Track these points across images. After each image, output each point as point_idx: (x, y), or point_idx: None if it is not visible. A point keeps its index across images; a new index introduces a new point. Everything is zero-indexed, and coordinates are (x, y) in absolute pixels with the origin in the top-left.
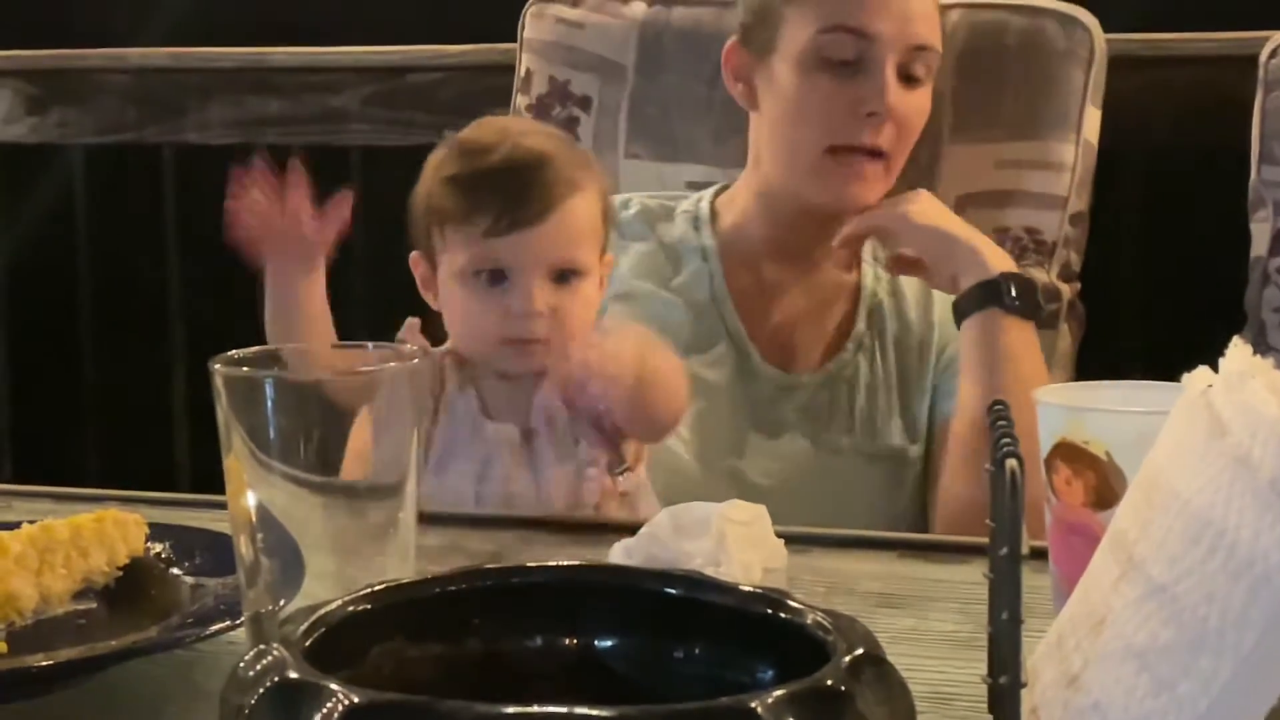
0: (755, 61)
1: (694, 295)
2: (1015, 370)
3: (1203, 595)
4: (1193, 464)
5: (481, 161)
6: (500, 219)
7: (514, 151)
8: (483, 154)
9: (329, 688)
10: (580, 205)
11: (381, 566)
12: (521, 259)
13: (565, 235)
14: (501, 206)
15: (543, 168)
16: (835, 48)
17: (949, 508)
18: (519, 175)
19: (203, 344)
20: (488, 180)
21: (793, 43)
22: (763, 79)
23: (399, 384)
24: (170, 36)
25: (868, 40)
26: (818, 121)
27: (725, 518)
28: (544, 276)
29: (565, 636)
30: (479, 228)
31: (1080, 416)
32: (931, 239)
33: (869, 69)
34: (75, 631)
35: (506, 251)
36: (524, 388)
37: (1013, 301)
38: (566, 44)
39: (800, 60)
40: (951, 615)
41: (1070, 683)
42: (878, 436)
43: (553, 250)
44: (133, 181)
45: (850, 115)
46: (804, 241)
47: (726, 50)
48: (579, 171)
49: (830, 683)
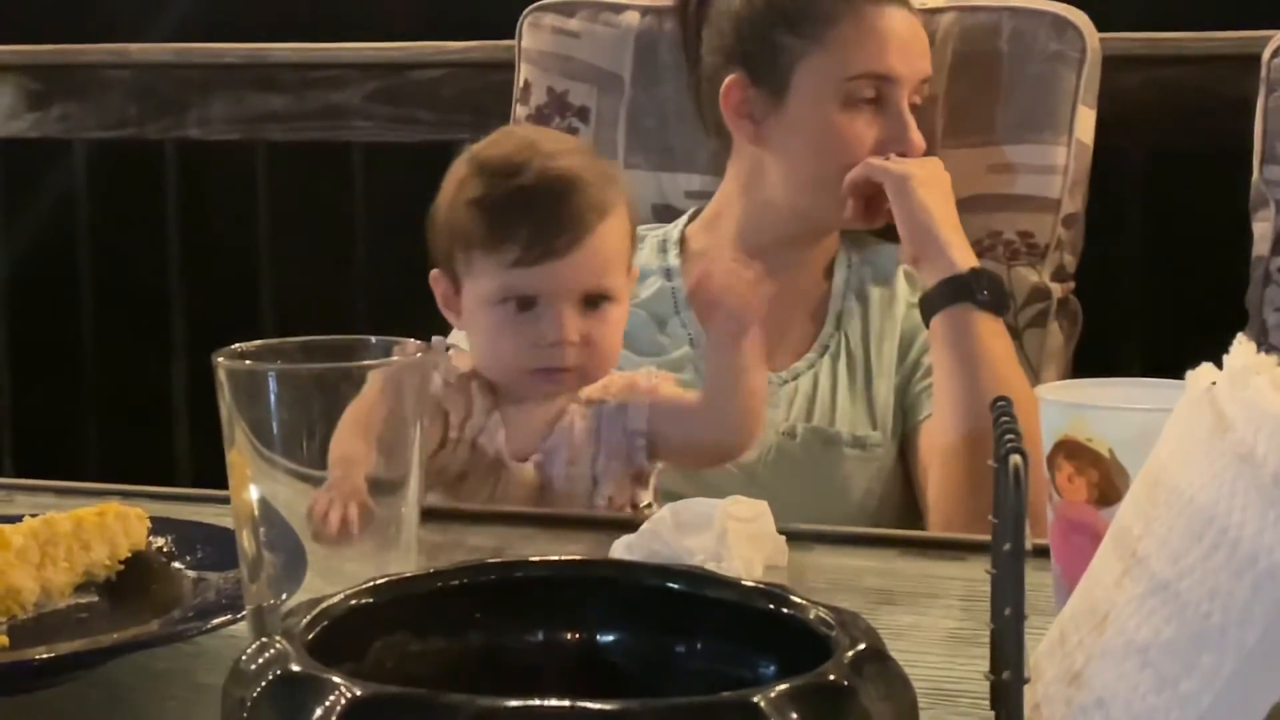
0: (767, 102)
1: (656, 309)
2: (988, 364)
3: (1206, 591)
4: (1196, 461)
5: (509, 185)
6: (531, 248)
7: (543, 175)
8: (509, 175)
9: (331, 681)
10: (611, 229)
11: (383, 561)
12: (553, 288)
13: (597, 262)
14: (531, 236)
15: (573, 193)
16: (860, 91)
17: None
18: (549, 202)
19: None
20: (516, 206)
21: (813, 87)
22: (775, 121)
23: (403, 378)
24: (173, 32)
25: (888, 82)
26: (848, 161)
27: (727, 514)
28: (575, 304)
29: (567, 632)
30: (509, 256)
31: (1083, 414)
32: (914, 212)
33: (888, 108)
34: (77, 625)
35: (538, 281)
36: (547, 417)
37: (983, 297)
38: (563, 54)
39: (824, 103)
40: (953, 612)
41: (1073, 679)
42: (837, 424)
43: (585, 278)
44: (135, 177)
45: (878, 153)
46: (786, 256)
47: (728, 85)
48: (608, 192)
49: (833, 677)
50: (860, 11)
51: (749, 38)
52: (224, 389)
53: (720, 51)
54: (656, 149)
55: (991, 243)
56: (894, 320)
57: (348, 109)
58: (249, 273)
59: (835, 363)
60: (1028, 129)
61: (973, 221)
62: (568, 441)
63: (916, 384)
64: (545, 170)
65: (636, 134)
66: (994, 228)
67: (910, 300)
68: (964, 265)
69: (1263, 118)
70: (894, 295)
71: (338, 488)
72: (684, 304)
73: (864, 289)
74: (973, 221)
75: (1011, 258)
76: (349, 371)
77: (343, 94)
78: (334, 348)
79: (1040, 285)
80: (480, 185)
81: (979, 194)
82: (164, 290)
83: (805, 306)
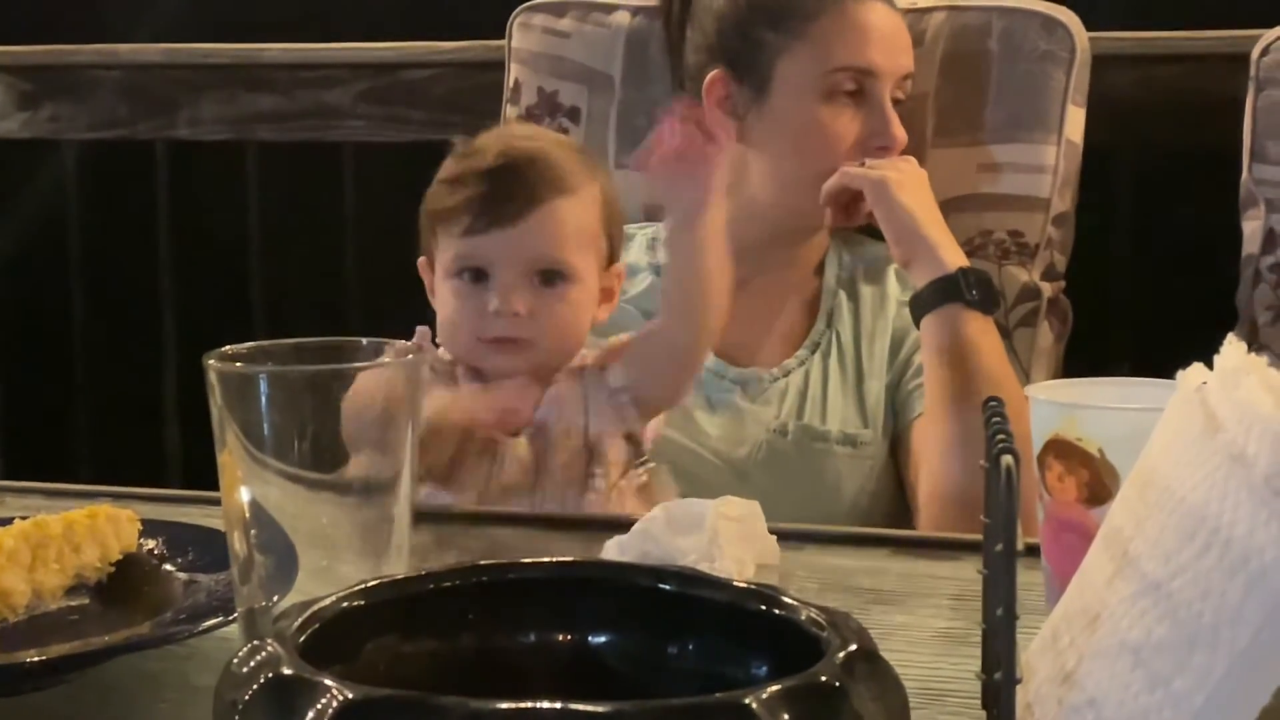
0: (749, 96)
1: (645, 304)
2: (979, 364)
3: (1198, 591)
4: (1188, 461)
5: (474, 162)
6: (480, 216)
7: (505, 152)
8: (477, 155)
9: (323, 683)
10: (566, 207)
11: (375, 563)
12: (501, 257)
13: (547, 235)
14: (482, 204)
15: (529, 167)
16: (841, 84)
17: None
18: (504, 174)
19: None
20: (475, 179)
21: (794, 81)
22: (756, 116)
23: (395, 379)
24: (163, 32)
25: (870, 76)
26: (830, 157)
27: (719, 514)
28: (525, 276)
29: (560, 633)
30: (461, 225)
31: (1073, 413)
32: (897, 216)
33: (869, 102)
34: (68, 627)
35: (486, 250)
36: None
37: (972, 297)
38: (554, 54)
39: (806, 97)
40: (944, 612)
41: (1065, 679)
42: (828, 422)
43: (533, 249)
44: (125, 177)
45: (860, 148)
46: (774, 254)
47: (710, 81)
48: (572, 174)
49: (824, 678)
50: (841, 6)
51: (731, 35)
52: (215, 391)
53: (704, 50)
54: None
55: (982, 242)
56: (885, 318)
57: (338, 109)
58: (240, 272)
59: (826, 360)
60: (1018, 128)
61: (963, 221)
62: (558, 413)
63: (908, 382)
64: (509, 149)
65: (627, 134)
66: (984, 227)
67: (901, 298)
68: (953, 265)
69: (1252, 116)
70: (885, 293)
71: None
72: None
73: (855, 286)
74: (963, 221)
75: (1002, 257)
76: (340, 373)
77: (333, 94)
78: (325, 349)
79: (1030, 284)
80: (451, 165)
81: (969, 193)
82: (154, 290)
83: (796, 303)
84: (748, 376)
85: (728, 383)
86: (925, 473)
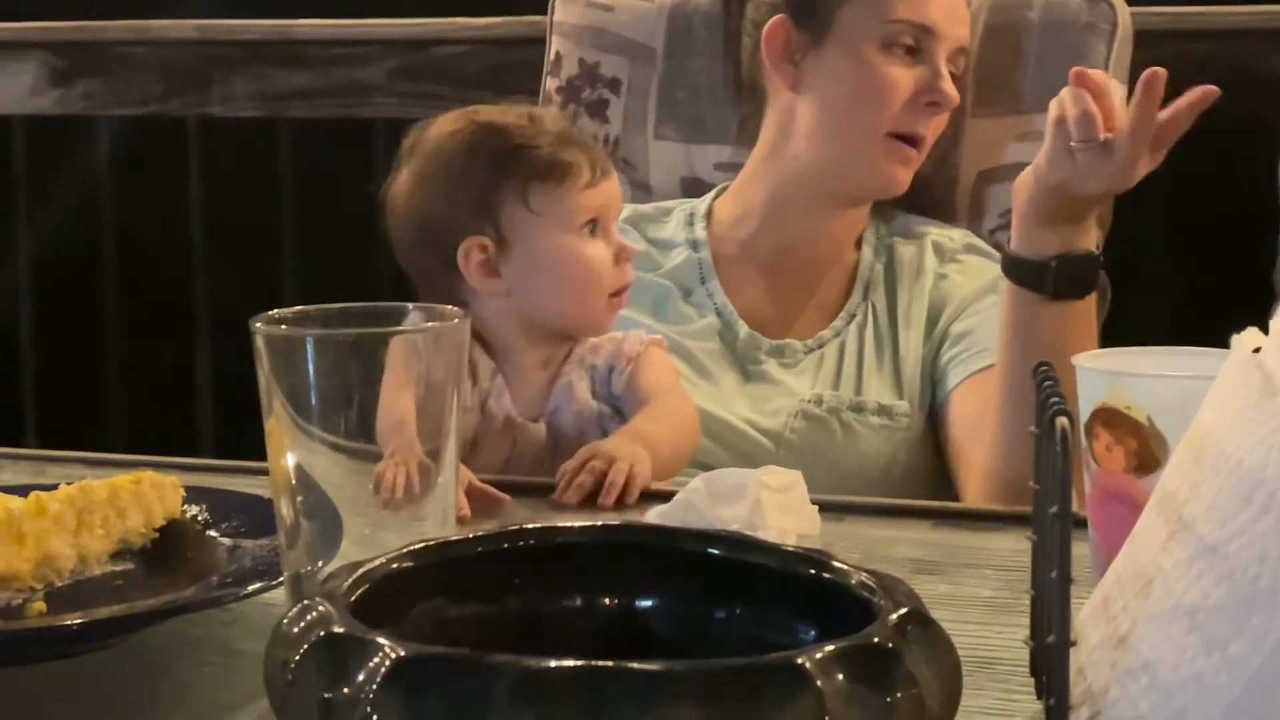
0: (808, 43)
1: (681, 279)
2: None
3: (1254, 554)
4: (1243, 424)
5: (541, 127)
6: (594, 166)
7: (544, 117)
8: (531, 122)
9: (376, 641)
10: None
11: (420, 530)
12: (610, 203)
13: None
14: (590, 159)
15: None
16: (900, 36)
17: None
18: (574, 135)
19: (226, 316)
20: (566, 140)
21: (854, 28)
22: (813, 62)
23: (441, 344)
24: (196, 9)
25: (927, 33)
26: (881, 108)
27: (761, 484)
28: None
29: (606, 597)
30: (581, 180)
31: (1121, 382)
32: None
33: (926, 60)
34: (113, 592)
35: (601, 198)
36: (544, 379)
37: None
38: (596, 27)
39: (864, 45)
40: (988, 581)
41: (1119, 643)
42: (863, 393)
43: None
44: (158, 154)
45: (912, 104)
46: (813, 223)
47: (771, 27)
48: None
49: (878, 640)
50: None
51: None
52: (261, 356)
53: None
54: (687, 120)
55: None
56: (922, 291)
57: (371, 86)
58: (272, 249)
59: (862, 332)
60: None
61: (1002, 191)
62: (570, 401)
63: (945, 354)
64: (541, 114)
65: (667, 105)
66: None
67: (939, 271)
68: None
69: None
70: (923, 266)
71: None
72: (710, 274)
73: (892, 259)
74: (1002, 191)
75: None
76: (387, 337)
77: (366, 71)
78: (369, 314)
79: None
80: (511, 136)
81: (1008, 163)
82: (187, 266)
83: (834, 275)
84: (782, 347)
85: (762, 354)
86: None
